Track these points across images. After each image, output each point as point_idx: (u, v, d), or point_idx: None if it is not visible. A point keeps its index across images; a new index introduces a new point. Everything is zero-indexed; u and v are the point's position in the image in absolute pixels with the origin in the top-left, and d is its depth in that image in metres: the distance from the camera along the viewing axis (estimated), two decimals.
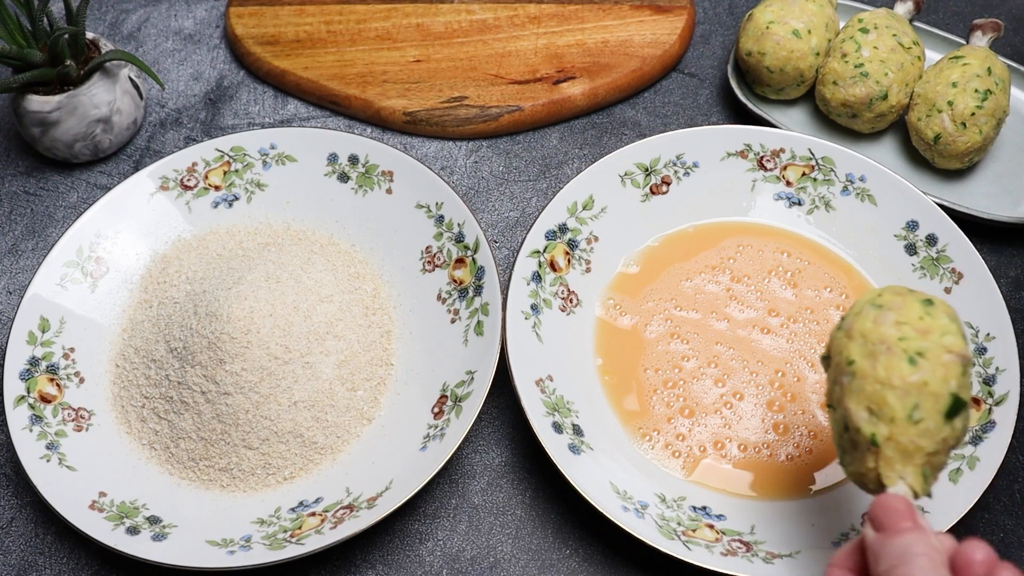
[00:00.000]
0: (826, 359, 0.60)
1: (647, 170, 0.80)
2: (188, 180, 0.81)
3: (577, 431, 0.70)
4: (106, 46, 0.85)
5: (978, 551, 0.50)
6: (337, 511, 0.68)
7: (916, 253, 0.77)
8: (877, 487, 0.55)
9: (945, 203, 0.80)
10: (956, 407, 0.54)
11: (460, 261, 0.76)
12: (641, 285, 0.78)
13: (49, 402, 0.72)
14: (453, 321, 0.74)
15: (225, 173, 0.81)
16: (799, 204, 0.80)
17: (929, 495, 0.55)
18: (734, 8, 0.97)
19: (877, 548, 0.51)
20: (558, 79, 0.89)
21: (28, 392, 0.71)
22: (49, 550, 0.70)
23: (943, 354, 0.55)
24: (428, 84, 0.89)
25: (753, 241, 0.79)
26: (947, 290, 0.75)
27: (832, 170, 0.80)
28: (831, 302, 0.77)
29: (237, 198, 0.81)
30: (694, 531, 0.67)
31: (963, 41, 0.88)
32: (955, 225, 0.76)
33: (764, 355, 0.74)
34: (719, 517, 0.68)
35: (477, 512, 0.71)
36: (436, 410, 0.71)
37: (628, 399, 0.73)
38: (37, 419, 0.70)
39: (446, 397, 0.71)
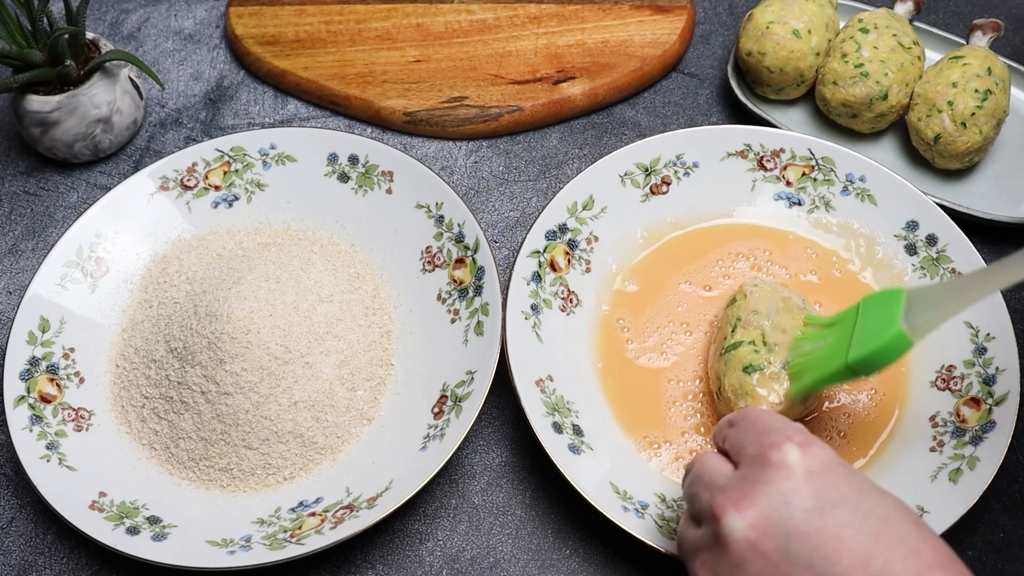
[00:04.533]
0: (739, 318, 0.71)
1: (647, 170, 0.80)
2: (188, 180, 0.81)
3: (577, 431, 0.70)
4: (106, 46, 0.85)
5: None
6: (337, 511, 0.68)
7: (916, 253, 0.77)
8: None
9: (945, 203, 0.80)
10: None
11: (460, 261, 0.76)
12: (643, 302, 0.77)
13: (49, 402, 0.72)
14: (453, 321, 0.74)
15: (225, 173, 0.81)
16: (799, 204, 0.80)
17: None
18: (734, 8, 0.97)
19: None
20: (558, 79, 0.89)
21: (28, 392, 0.71)
22: (49, 550, 0.70)
23: None
24: (428, 84, 0.89)
25: (754, 241, 0.79)
26: None
27: (832, 170, 0.80)
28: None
29: (237, 198, 0.81)
30: None
31: (963, 41, 0.88)
32: (955, 225, 0.76)
33: None
34: None
35: (477, 512, 0.71)
36: (436, 410, 0.71)
37: (634, 404, 0.73)
38: (37, 419, 0.70)
39: (446, 397, 0.71)
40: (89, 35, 0.86)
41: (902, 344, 0.62)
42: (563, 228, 0.77)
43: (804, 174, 0.81)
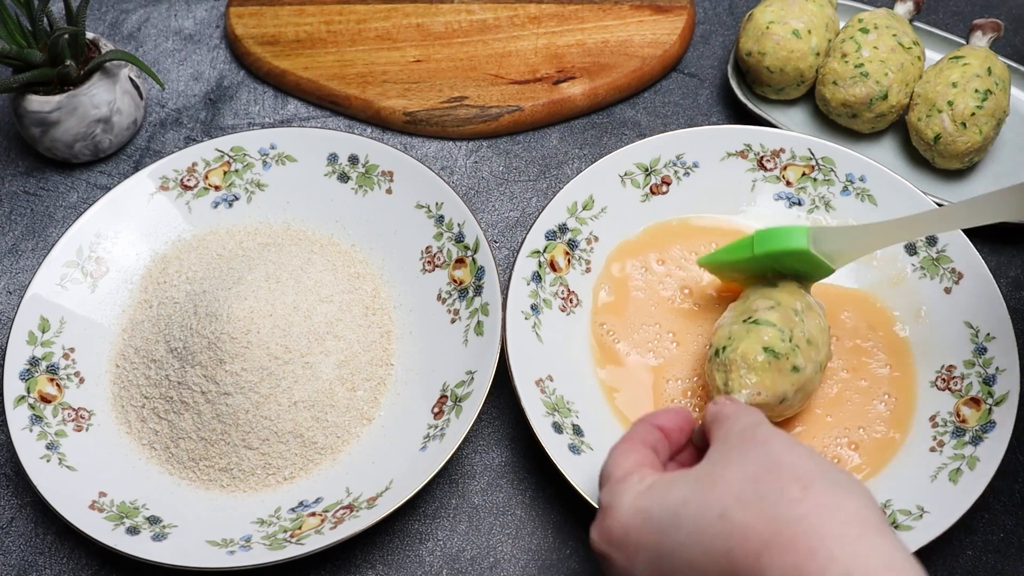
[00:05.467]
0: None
1: (647, 170, 0.80)
2: (188, 180, 0.81)
3: (577, 431, 0.70)
4: (106, 46, 0.85)
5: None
6: (337, 511, 0.68)
7: (916, 253, 0.77)
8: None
9: (945, 203, 0.80)
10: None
11: (460, 261, 0.76)
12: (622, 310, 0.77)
13: (49, 402, 0.72)
14: (453, 321, 0.74)
15: (225, 173, 0.81)
16: (799, 204, 0.80)
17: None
18: (734, 8, 0.97)
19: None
20: (558, 79, 0.89)
21: (28, 392, 0.71)
22: (49, 550, 0.70)
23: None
24: (428, 84, 0.89)
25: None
26: (947, 290, 0.75)
27: (832, 170, 0.80)
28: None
29: (237, 198, 0.81)
30: None
31: (963, 41, 0.88)
32: None
33: None
34: None
35: (477, 512, 0.71)
36: (436, 410, 0.71)
37: (635, 403, 0.73)
38: (37, 419, 0.70)
39: (446, 397, 0.71)
40: (89, 35, 0.86)
41: (801, 235, 0.69)
42: (563, 228, 0.77)
43: (804, 174, 0.81)
